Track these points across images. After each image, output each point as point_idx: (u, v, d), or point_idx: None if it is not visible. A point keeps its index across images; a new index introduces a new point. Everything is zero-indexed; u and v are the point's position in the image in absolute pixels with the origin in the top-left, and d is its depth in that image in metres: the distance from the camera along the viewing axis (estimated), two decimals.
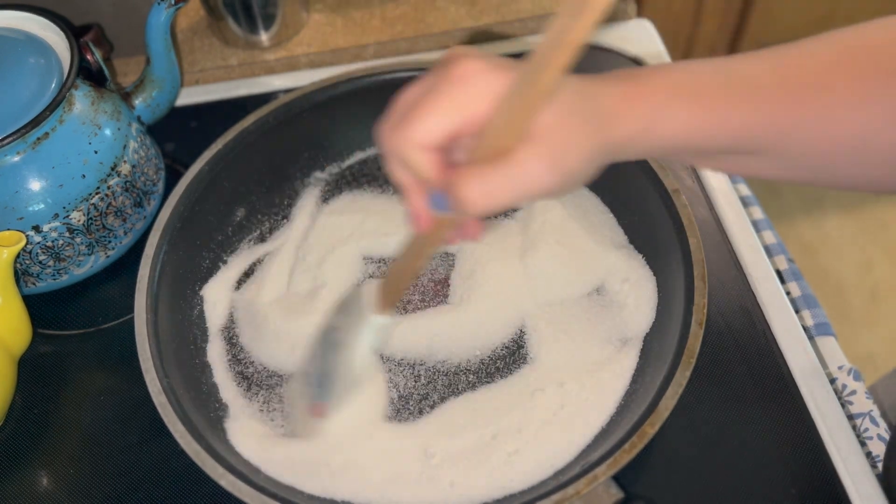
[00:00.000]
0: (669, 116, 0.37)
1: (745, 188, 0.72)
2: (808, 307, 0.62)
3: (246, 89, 0.76)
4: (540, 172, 0.34)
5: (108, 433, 0.55)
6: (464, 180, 0.33)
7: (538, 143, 0.33)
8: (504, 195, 0.34)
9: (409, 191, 0.38)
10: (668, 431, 0.46)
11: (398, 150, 0.35)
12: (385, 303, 0.44)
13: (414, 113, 0.34)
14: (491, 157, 0.33)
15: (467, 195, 0.33)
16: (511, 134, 0.33)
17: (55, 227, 0.56)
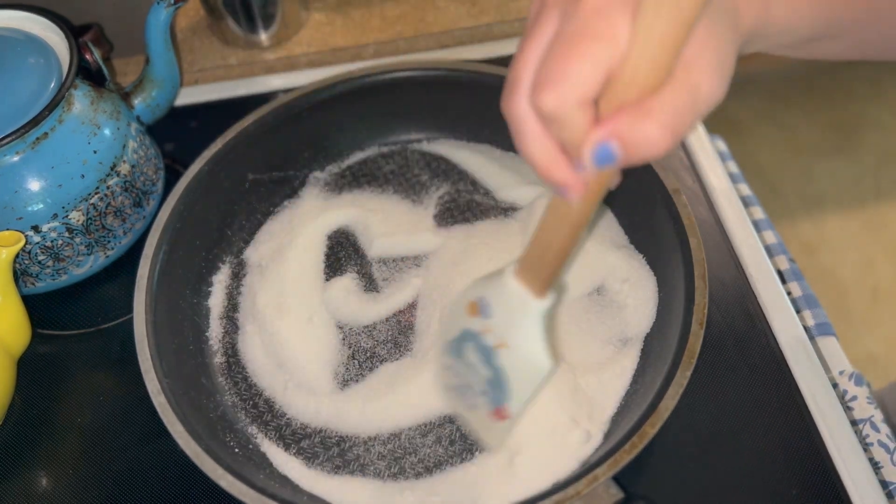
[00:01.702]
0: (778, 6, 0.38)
1: (745, 188, 0.72)
2: (809, 307, 0.62)
3: (246, 89, 0.76)
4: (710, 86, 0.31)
5: (108, 433, 0.55)
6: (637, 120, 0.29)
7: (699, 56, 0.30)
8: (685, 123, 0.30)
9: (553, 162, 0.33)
10: (669, 431, 0.46)
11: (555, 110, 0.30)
12: (542, 285, 0.40)
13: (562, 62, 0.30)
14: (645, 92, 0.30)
15: (647, 134, 0.29)
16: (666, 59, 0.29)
17: (54, 227, 0.56)
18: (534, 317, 0.41)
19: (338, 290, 0.58)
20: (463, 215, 0.63)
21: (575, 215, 0.36)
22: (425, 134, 0.68)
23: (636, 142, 0.30)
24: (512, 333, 0.43)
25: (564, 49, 0.30)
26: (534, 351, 0.42)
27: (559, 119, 0.31)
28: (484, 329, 0.44)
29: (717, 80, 0.31)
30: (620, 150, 0.30)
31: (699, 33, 0.31)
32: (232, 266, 0.61)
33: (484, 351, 0.44)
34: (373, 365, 0.55)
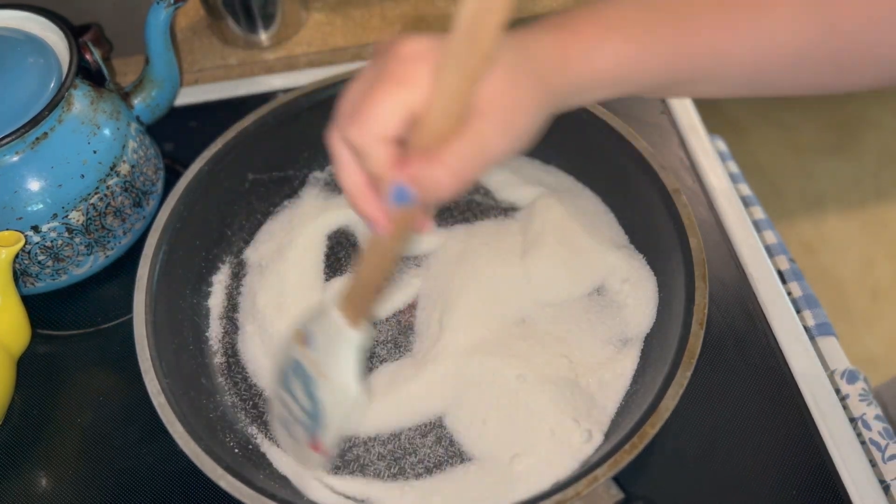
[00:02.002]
0: (604, 55, 0.37)
1: (745, 188, 0.72)
2: (809, 307, 0.62)
3: (245, 89, 0.76)
4: (497, 139, 0.33)
5: (107, 433, 0.55)
6: (426, 166, 0.32)
7: (489, 111, 0.33)
8: (470, 170, 0.33)
9: (363, 194, 0.36)
10: (669, 432, 0.46)
11: (357, 143, 0.34)
12: (357, 316, 0.43)
13: (369, 102, 0.33)
14: (440, 138, 0.32)
15: (436, 178, 0.32)
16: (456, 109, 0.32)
17: (54, 227, 0.56)
18: (348, 346, 0.43)
19: (338, 290, 0.58)
20: (463, 215, 0.63)
21: (383, 249, 0.38)
22: None
23: (427, 184, 0.33)
24: (329, 364, 0.44)
25: (371, 89, 0.33)
26: (345, 380, 0.44)
27: (362, 151, 0.34)
28: (308, 360, 0.45)
29: (505, 135, 0.34)
30: (415, 191, 0.33)
31: (495, 89, 0.33)
32: (232, 266, 0.61)
33: (306, 381, 0.46)
34: (373, 365, 0.55)
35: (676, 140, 0.68)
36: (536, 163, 0.65)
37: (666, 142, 0.68)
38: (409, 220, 0.36)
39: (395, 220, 0.36)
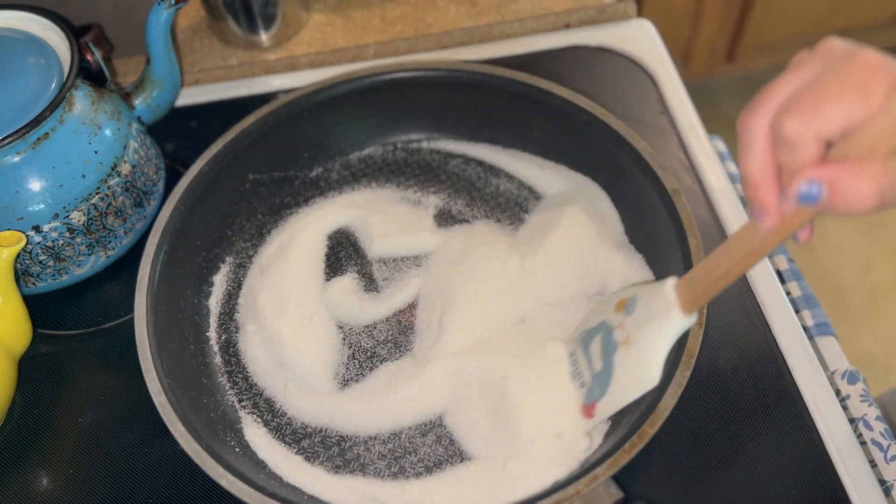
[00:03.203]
0: None
1: None
2: (809, 307, 0.62)
3: (246, 89, 0.76)
4: None
5: (108, 433, 0.55)
6: (853, 172, 0.32)
7: None
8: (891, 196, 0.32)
9: (767, 183, 0.35)
10: (669, 431, 0.46)
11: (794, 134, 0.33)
12: (694, 302, 0.42)
13: (821, 98, 0.32)
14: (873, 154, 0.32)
15: (856, 188, 0.32)
16: None
17: (55, 227, 0.56)
18: (670, 328, 0.43)
19: (338, 290, 0.58)
20: (463, 215, 0.63)
21: (755, 245, 0.37)
22: (425, 134, 0.68)
23: (844, 191, 0.32)
24: (641, 336, 0.44)
25: (825, 88, 0.32)
26: (652, 359, 0.43)
27: (793, 144, 0.33)
28: (619, 324, 0.45)
29: None
30: (826, 194, 0.32)
31: None
32: (232, 266, 0.61)
33: (608, 344, 0.45)
34: (373, 365, 0.55)
35: (676, 140, 0.68)
36: (539, 159, 0.65)
37: (665, 142, 0.68)
38: (796, 223, 0.35)
39: (785, 218, 0.35)
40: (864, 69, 0.32)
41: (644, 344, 0.44)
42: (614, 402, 0.46)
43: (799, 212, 0.35)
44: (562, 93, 0.61)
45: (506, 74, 0.62)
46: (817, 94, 0.33)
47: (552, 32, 0.78)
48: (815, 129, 0.32)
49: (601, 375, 0.46)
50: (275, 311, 0.56)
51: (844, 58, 0.33)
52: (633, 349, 0.44)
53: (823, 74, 0.33)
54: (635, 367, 0.44)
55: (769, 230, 0.36)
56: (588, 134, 0.60)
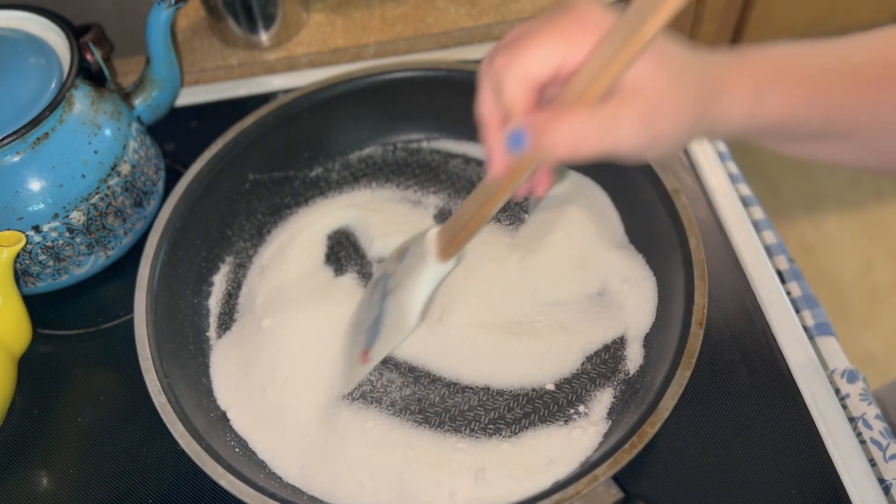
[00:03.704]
0: (772, 96, 0.36)
1: (745, 188, 0.72)
2: (809, 307, 0.62)
3: (246, 89, 0.76)
4: (630, 129, 0.33)
5: (108, 433, 0.55)
6: (551, 121, 0.33)
7: (635, 99, 0.33)
8: (589, 144, 0.33)
9: (491, 127, 0.37)
10: (668, 431, 0.46)
11: (500, 73, 0.34)
12: (447, 250, 0.44)
13: (526, 40, 0.34)
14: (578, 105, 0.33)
15: (553, 136, 0.33)
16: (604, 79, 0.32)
17: (55, 227, 0.56)
18: (426, 274, 0.45)
19: (338, 290, 0.58)
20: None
21: (490, 192, 0.38)
22: (425, 134, 0.68)
23: (544, 139, 0.33)
24: (404, 282, 0.46)
25: (533, 33, 0.34)
26: (409, 303, 0.45)
27: (501, 83, 0.35)
28: (392, 272, 0.48)
29: (638, 128, 0.33)
30: (529, 140, 0.33)
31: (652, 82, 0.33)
32: (232, 266, 0.61)
33: (383, 292, 0.48)
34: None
35: None
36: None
37: None
38: (520, 171, 0.36)
39: (510, 166, 0.36)
40: (577, 19, 0.33)
41: (405, 289, 0.46)
42: (383, 347, 0.47)
43: (519, 161, 0.35)
44: None
45: None
46: (525, 38, 0.34)
47: None
48: (519, 67, 0.34)
49: (375, 322, 0.48)
50: (274, 311, 0.56)
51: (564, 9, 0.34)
52: (398, 295, 0.46)
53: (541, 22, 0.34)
54: (398, 312, 0.46)
55: (497, 175, 0.37)
56: None
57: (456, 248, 0.43)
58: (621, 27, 0.31)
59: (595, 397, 0.52)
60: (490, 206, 0.39)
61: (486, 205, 0.39)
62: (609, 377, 0.53)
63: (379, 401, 0.53)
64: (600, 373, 0.53)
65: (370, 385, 0.54)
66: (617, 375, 0.53)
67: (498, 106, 0.36)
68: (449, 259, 0.44)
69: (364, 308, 0.51)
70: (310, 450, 0.50)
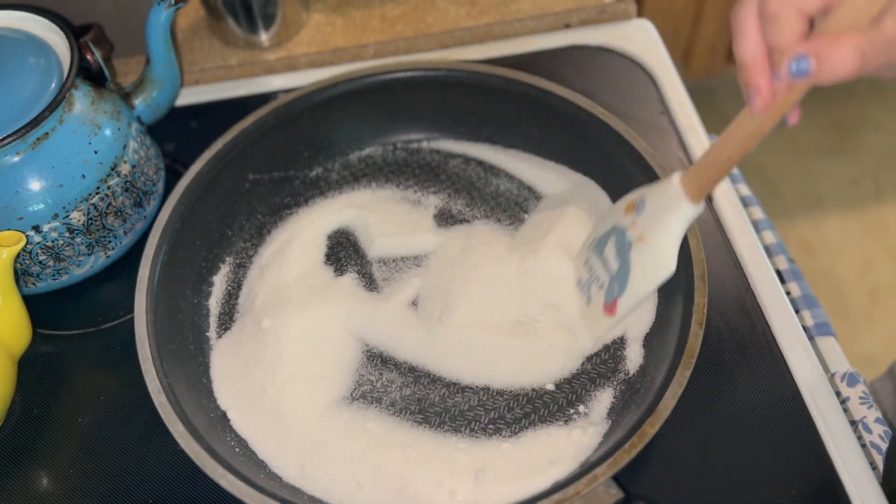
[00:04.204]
0: None
1: (745, 188, 0.72)
2: (809, 307, 0.62)
3: (246, 89, 0.76)
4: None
5: (108, 433, 0.55)
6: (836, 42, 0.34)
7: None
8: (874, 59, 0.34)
9: (759, 63, 0.38)
10: (668, 431, 0.46)
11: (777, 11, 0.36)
12: (701, 190, 0.44)
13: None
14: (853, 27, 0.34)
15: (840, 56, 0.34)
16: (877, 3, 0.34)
17: (55, 227, 0.56)
18: (680, 217, 0.45)
19: (338, 290, 0.58)
20: (463, 215, 0.63)
21: (752, 128, 0.39)
22: (425, 134, 0.68)
23: (830, 60, 0.34)
24: (654, 229, 0.46)
25: None
26: (666, 248, 0.45)
27: (778, 21, 0.36)
28: (631, 224, 0.47)
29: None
30: (815, 66, 0.35)
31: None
32: (232, 266, 0.61)
33: (622, 245, 0.48)
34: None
35: (676, 140, 0.68)
36: (539, 159, 0.65)
37: (665, 142, 0.68)
38: (788, 102, 0.38)
39: (778, 96, 0.38)
40: None
41: (658, 236, 0.46)
42: (634, 296, 0.48)
43: (790, 88, 0.37)
44: (562, 93, 0.61)
45: (506, 74, 0.62)
46: None
47: (552, 32, 0.78)
48: (796, 4, 0.36)
49: (619, 274, 0.48)
50: (274, 312, 0.56)
51: None
52: (648, 243, 0.46)
53: None
54: (652, 259, 0.46)
55: (763, 110, 0.38)
56: (588, 134, 0.60)
57: (710, 186, 0.43)
58: None
59: (595, 397, 0.52)
60: (753, 140, 0.40)
61: (748, 139, 0.40)
62: (609, 377, 0.53)
63: (379, 401, 0.53)
64: (600, 373, 0.53)
65: (370, 385, 0.54)
66: (617, 375, 0.53)
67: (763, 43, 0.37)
68: (700, 199, 0.44)
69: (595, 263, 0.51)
70: (310, 450, 0.50)
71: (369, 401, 0.53)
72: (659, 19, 0.81)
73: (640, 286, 0.48)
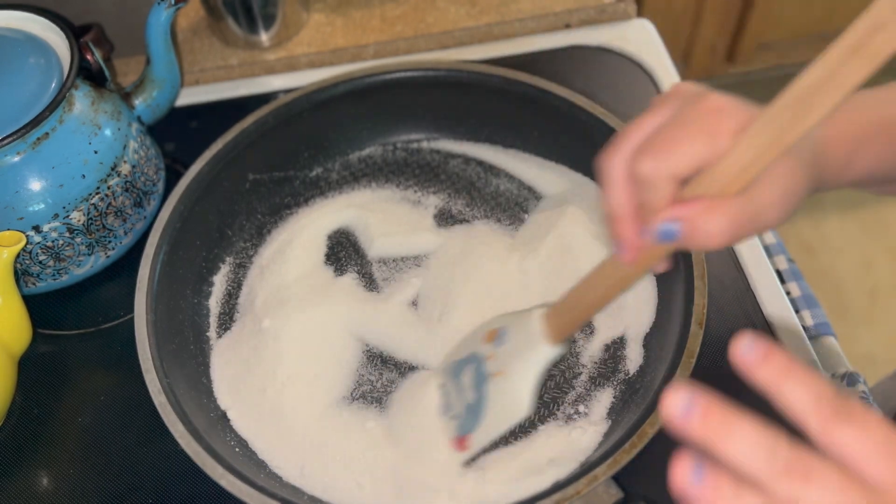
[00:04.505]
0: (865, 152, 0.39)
1: None
2: (809, 307, 0.62)
3: (246, 89, 0.76)
4: (776, 212, 0.35)
5: (108, 433, 0.55)
6: (705, 212, 0.33)
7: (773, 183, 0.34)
8: (741, 232, 0.34)
9: (627, 219, 0.37)
10: (668, 431, 0.46)
11: (649, 175, 0.35)
12: (561, 332, 0.42)
13: (671, 141, 0.35)
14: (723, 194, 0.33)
15: (705, 227, 0.33)
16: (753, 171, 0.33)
17: (55, 227, 0.56)
18: (538, 360, 0.43)
19: (338, 290, 0.58)
20: (463, 215, 0.63)
21: (618, 277, 0.39)
22: (425, 134, 0.68)
23: (698, 229, 0.34)
24: (512, 366, 0.44)
25: (676, 130, 0.35)
26: (522, 390, 0.43)
27: (649, 184, 0.35)
28: (490, 355, 0.45)
29: (780, 209, 0.35)
30: (683, 232, 0.34)
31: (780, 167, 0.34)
32: (232, 266, 0.61)
33: (479, 376, 0.46)
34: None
35: None
36: (539, 159, 0.65)
37: None
38: (654, 257, 0.37)
39: (644, 253, 0.37)
40: (712, 111, 0.34)
41: (514, 376, 0.44)
42: (488, 433, 0.46)
43: (656, 248, 0.36)
44: (562, 93, 0.61)
45: (506, 74, 0.62)
46: (669, 137, 0.35)
47: (552, 32, 0.78)
48: (668, 169, 0.34)
49: (474, 406, 0.46)
50: (274, 312, 0.56)
51: (694, 100, 0.35)
52: (505, 381, 0.44)
53: (676, 117, 0.35)
54: (507, 398, 0.44)
55: (630, 263, 0.38)
56: (588, 134, 0.60)
57: (572, 329, 0.42)
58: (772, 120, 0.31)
59: (595, 397, 0.52)
60: (616, 290, 0.39)
61: (611, 288, 0.39)
62: (609, 377, 0.53)
63: (379, 401, 0.53)
64: (600, 373, 0.53)
65: (370, 385, 0.54)
66: (617, 375, 0.53)
67: (633, 199, 0.37)
68: (561, 342, 0.43)
69: (453, 388, 0.48)
70: (310, 450, 0.50)
71: (369, 401, 0.53)
72: (659, 19, 0.81)
73: (493, 425, 0.45)
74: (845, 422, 0.24)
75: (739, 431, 0.26)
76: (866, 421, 0.24)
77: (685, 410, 0.26)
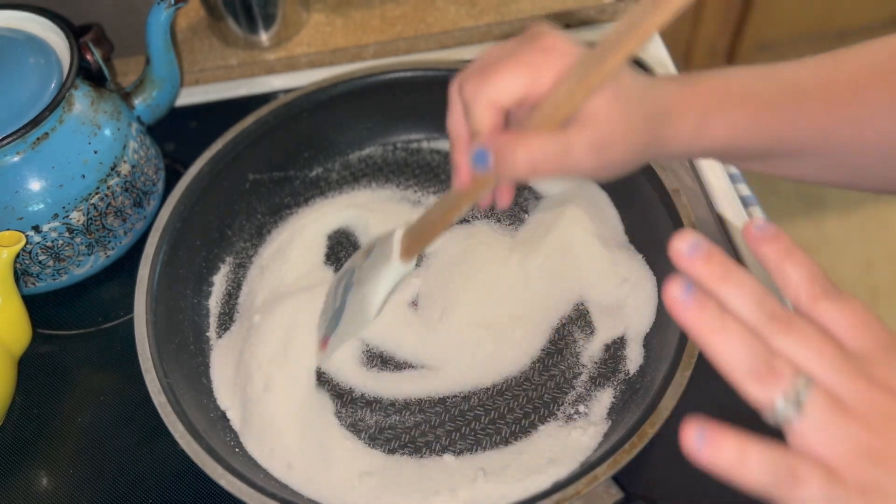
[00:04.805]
0: (719, 120, 0.38)
1: (745, 188, 0.72)
2: None
3: (246, 89, 0.76)
4: (583, 156, 0.35)
5: (108, 433, 0.55)
6: (511, 142, 0.35)
7: (590, 127, 0.35)
8: (545, 167, 0.35)
9: (459, 143, 0.40)
10: (668, 431, 0.46)
11: (469, 98, 0.37)
12: (410, 250, 0.45)
13: (494, 69, 0.36)
14: (540, 129, 0.35)
15: (512, 157, 0.35)
16: (564, 109, 0.35)
17: (55, 227, 0.56)
18: (388, 274, 0.46)
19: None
20: (463, 215, 0.63)
21: (454, 200, 0.41)
22: (425, 134, 0.68)
23: (504, 158, 0.35)
24: (368, 277, 0.48)
25: (504, 63, 0.36)
26: (370, 297, 0.47)
27: (469, 107, 0.37)
28: (359, 267, 0.49)
29: (592, 154, 0.36)
30: (492, 160, 0.36)
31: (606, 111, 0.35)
32: (232, 266, 0.61)
33: (348, 285, 0.50)
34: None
35: None
36: None
37: None
38: (483, 185, 0.38)
39: (475, 179, 0.39)
40: (544, 49, 0.36)
41: (368, 285, 0.48)
42: (340, 338, 0.50)
43: (483, 175, 0.38)
44: None
45: None
46: (495, 67, 0.37)
47: None
48: (486, 94, 0.36)
49: (337, 312, 0.50)
50: (274, 311, 0.56)
51: (534, 37, 0.37)
52: (361, 289, 0.48)
53: (511, 50, 0.37)
54: (358, 306, 0.48)
55: (461, 188, 0.40)
56: None
57: (417, 249, 0.45)
58: (585, 61, 0.34)
59: (595, 397, 0.52)
60: (453, 214, 0.41)
61: (449, 212, 0.42)
62: (609, 377, 0.53)
63: (378, 400, 0.53)
64: (600, 373, 0.53)
65: (370, 385, 0.54)
66: (617, 375, 0.53)
67: (466, 124, 0.39)
68: (410, 259, 0.46)
69: (331, 296, 0.53)
70: (306, 450, 0.50)
71: (368, 400, 0.53)
72: None
73: (346, 329, 0.49)
74: (833, 300, 0.28)
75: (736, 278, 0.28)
76: (851, 301, 0.28)
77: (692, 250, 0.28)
